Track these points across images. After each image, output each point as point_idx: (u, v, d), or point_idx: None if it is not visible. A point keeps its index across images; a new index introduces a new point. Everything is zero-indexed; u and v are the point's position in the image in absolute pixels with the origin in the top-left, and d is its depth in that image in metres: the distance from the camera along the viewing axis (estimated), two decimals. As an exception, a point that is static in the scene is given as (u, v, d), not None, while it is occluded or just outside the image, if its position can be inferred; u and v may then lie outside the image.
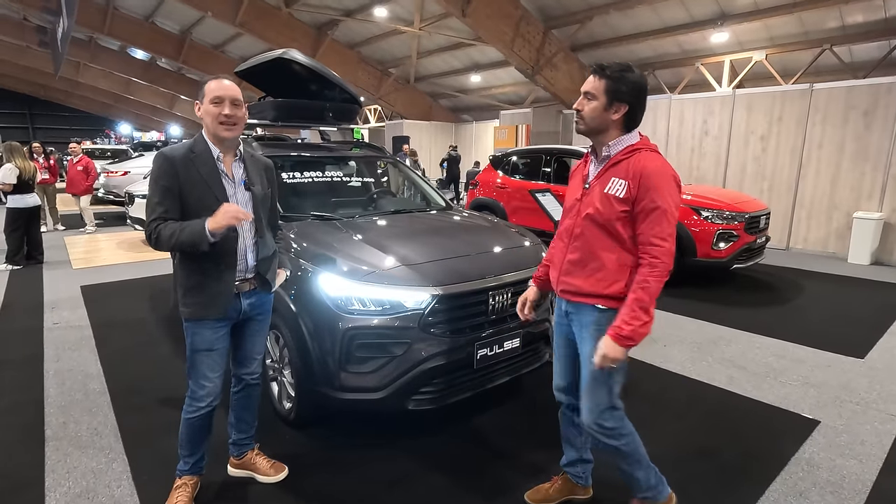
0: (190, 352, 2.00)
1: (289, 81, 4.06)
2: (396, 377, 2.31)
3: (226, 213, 1.79)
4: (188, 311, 1.95)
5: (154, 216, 1.84)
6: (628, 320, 1.64)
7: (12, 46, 21.67)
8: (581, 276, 1.79)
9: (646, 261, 1.66)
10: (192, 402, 2.03)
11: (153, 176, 1.87)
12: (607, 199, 1.72)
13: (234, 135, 1.91)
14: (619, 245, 1.73)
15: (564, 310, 1.91)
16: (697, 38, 9.53)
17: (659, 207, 1.64)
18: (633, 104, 1.72)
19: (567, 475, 2.16)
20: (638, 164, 1.69)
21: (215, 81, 1.91)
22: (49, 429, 2.71)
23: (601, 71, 1.72)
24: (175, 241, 1.80)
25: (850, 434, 2.74)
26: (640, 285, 1.65)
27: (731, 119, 8.39)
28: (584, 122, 1.77)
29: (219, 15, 12.38)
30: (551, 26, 10.50)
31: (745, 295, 5.44)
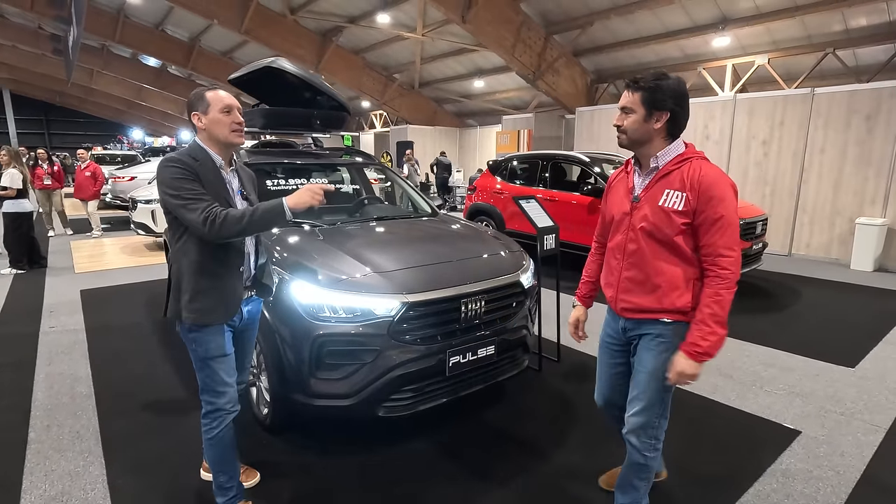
0: (203, 361, 1.91)
1: (281, 89, 4.12)
2: (367, 384, 2.33)
3: (311, 190, 1.80)
4: (196, 317, 1.86)
5: (205, 204, 1.76)
6: (705, 335, 1.62)
7: (29, 54, 22.25)
8: (641, 293, 1.76)
9: (714, 272, 1.64)
10: (214, 416, 1.94)
11: (175, 177, 1.79)
12: (664, 213, 1.69)
13: (243, 141, 1.99)
14: (681, 258, 1.70)
15: (622, 326, 1.88)
16: (699, 43, 9.47)
17: (723, 217, 1.62)
18: (674, 110, 1.69)
19: None
20: (694, 175, 1.65)
21: (218, 91, 1.92)
22: (33, 431, 2.77)
23: (634, 84, 1.71)
24: (248, 220, 1.76)
25: (831, 445, 2.70)
26: (713, 299, 1.62)
27: (733, 123, 8.32)
28: (627, 136, 1.75)
29: (225, 23, 12.56)
30: (552, 31, 10.50)
31: (740, 302, 5.32)
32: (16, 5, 14.04)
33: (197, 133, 1.95)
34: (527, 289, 2.90)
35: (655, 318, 1.75)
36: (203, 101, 1.89)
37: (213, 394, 1.94)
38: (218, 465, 2.01)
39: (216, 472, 2.02)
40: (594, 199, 6.07)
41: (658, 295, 1.73)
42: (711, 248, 1.64)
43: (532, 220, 3.54)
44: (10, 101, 33.58)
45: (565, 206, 6.39)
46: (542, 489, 2.33)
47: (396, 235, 3.15)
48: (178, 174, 1.81)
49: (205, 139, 1.93)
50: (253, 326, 2.18)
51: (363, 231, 3.12)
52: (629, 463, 1.91)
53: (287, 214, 1.78)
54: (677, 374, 1.67)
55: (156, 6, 14.38)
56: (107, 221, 10.56)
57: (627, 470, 1.93)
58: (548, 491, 2.32)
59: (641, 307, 1.77)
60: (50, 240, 8.94)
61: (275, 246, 2.70)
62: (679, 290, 1.70)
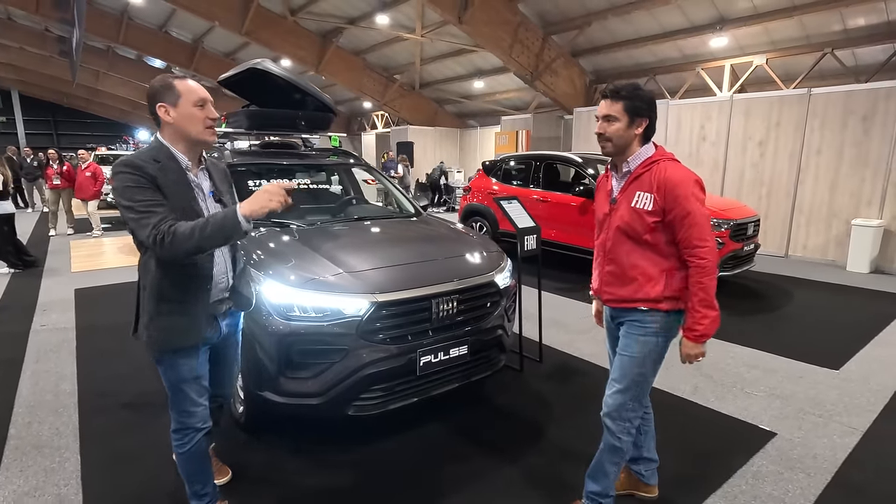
0: (175, 385, 1.79)
1: (269, 91, 4.15)
2: (336, 383, 2.35)
3: (268, 192, 1.53)
4: (157, 341, 1.71)
5: (158, 217, 1.56)
6: (698, 320, 1.79)
7: (36, 56, 22.48)
8: (620, 285, 1.93)
9: (694, 263, 1.79)
10: (184, 433, 1.84)
11: (127, 185, 1.59)
12: (636, 213, 1.84)
13: (216, 140, 1.77)
14: (654, 252, 1.86)
15: (610, 315, 2.06)
16: (697, 43, 9.42)
17: (690, 213, 1.76)
18: (651, 117, 1.85)
19: (630, 470, 2.27)
20: (660, 176, 1.80)
21: (189, 81, 1.69)
22: (13, 428, 2.82)
23: (616, 94, 1.83)
24: (199, 237, 1.52)
25: (805, 447, 2.69)
26: (697, 287, 1.79)
27: (729, 124, 8.28)
28: (612, 143, 1.86)
29: (226, 24, 12.64)
30: (550, 32, 10.49)
31: (731, 303, 5.35)
32: (22, 8, 14.22)
33: (161, 129, 1.71)
34: (502, 289, 2.90)
35: (634, 307, 1.90)
36: (172, 91, 1.66)
37: (183, 414, 1.83)
38: (191, 475, 1.92)
39: (189, 481, 1.93)
40: (586, 199, 6.06)
41: (634, 287, 1.89)
42: (687, 242, 1.79)
43: (513, 221, 3.55)
44: (19, 103, 33.99)
45: (558, 207, 6.39)
46: (510, 489, 2.33)
47: (373, 236, 3.17)
48: (130, 182, 1.59)
49: (171, 136, 1.71)
50: (234, 340, 2.06)
51: (340, 231, 3.14)
52: (604, 447, 2.01)
53: (242, 224, 1.52)
54: (685, 356, 1.87)
55: (159, 8, 14.50)
56: (108, 221, 10.66)
57: (601, 455, 2.02)
58: (515, 491, 2.32)
59: (621, 297, 1.93)
60: (50, 239, 9.05)
61: (252, 246, 2.73)
62: (653, 282, 1.86)
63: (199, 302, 1.76)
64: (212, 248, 1.68)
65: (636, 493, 2.28)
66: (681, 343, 1.89)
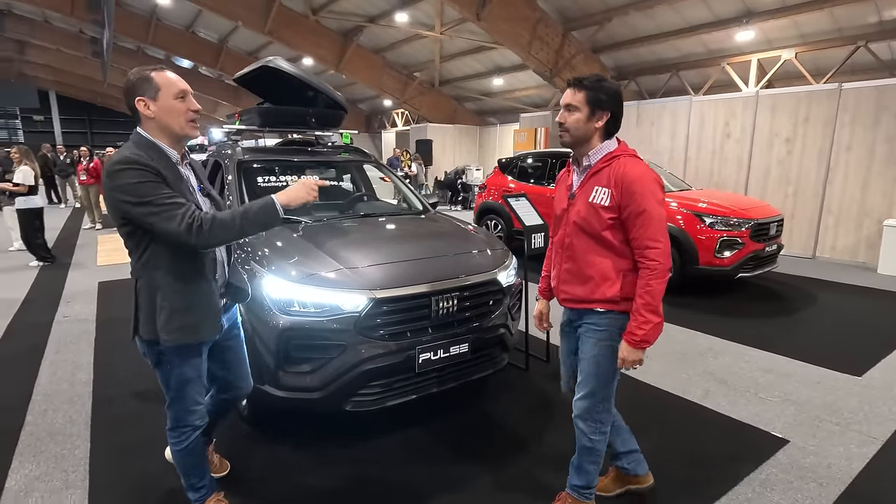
0: (178, 384, 1.78)
1: (283, 88, 4.20)
2: (334, 378, 2.36)
3: (306, 185, 1.65)
4: (178, 336, 1.68)
5: (183, 209, 1.56)
6: (640, 324, 1.73)
7: (71, 57, 23.29)
8: (576, 283, 1.88)
9: (644, 264, 1.73)
10: (181, 431, 1.84)
11: (137, 182, 1.56)
12: (593, 209, 1.79)
13: (198, 133, 1.77)
14: (610, 250, 1.80)
15: (567, 317, 2.01)
16: (723, 37, 9.15)
17: (645, 211, 1.71)
18: (614, 111, 1.80)
19: (616, 468, 2.24)
20: (618, 171, 1.75)
21: (167, 73, 1.65)
22: (30, 415, 2.92)
23: (579, 83, 1.79)
24: (241, 223, 1.57)
25: (819, 456, 2.59)
26: (644, 289, 1.72)
27: (755, 121, 8.02)
28: (570, 134, 1.83)
29: (249, 24, 12.86)
30: (570, 28, 10.34)
31: (751, 305, 5.20)
32: (57, 10, 14.78)
33: (141, 123, 1.66)
34: (505, 287, 2.87)
35: (590, 308, 1.86)
36: (150, 84, 1.62)
37: (182, 412, 1.82)
38: (187, 469, 1.92)
39: (186, 475, 1.93)
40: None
41: (591, 286, 1.84)
42: (639, 241, 1.74)
43: (520, 218, 3.52)
44: (56, 102, 35.32)
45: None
46: (510, 487, 2.31)
47: (377, 233, 3.18)
48: (139, 177, 1.55)
49: (154, 130, 1.66)
50: (236, 333, 2.04)
51: (345, 228, 3.16)
52: (579, 447, 2.00)
53: (280, 212, 1.63)
54: (622, 361, 1.80)
55: (186, 9, 14.84)
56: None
57: (578, 455, 2.02)
58: (516, 489, 2.30)
59: (577, 297, 1.88)
60: (80, 233, 9.37)
61: (251, 241, 2.76)
62: (609, 281, 1.80)
63: (211, 295, 1.77)
64: (252, 234, 1.74)
65: (630, 487, 2.24)
66: (619, 348, 1.80)
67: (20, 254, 7.19)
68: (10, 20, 18.84)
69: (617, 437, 2.14)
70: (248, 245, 2.76)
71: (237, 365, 2.06)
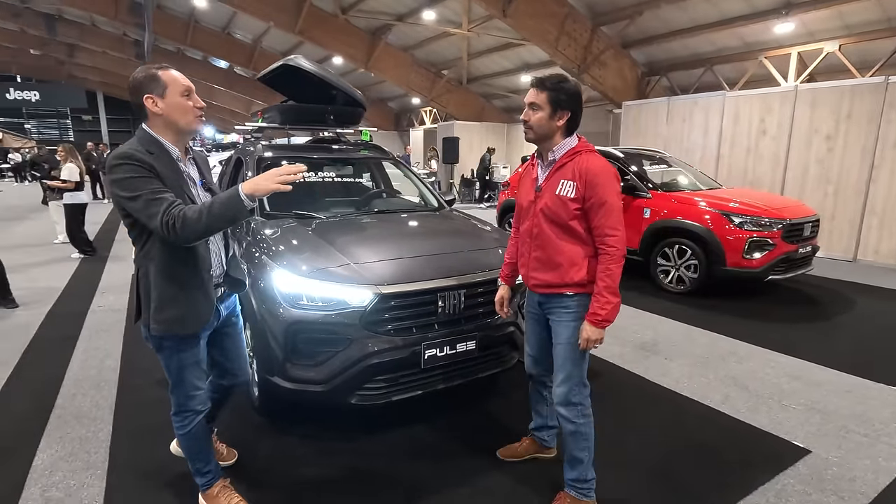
0: (177, 370, 1.85)
1: (306, 86, 4.28)
2: (339, 371, 2.39)
3: (269, 173, 1.58)
4: (165, 327, 1.75)
5: (166, 203, 1.60)
6: (602, 305, 1.89)
7: (117, 59, 24.33)
8: (546, 270, 2.02)
9: (604, 250, 1.91)
10: (184, 416, 1.91)
11: (130, 176, 1.62)
12: (560, 200, 1.95)
13: (203, 127, 1.81)
14: (577, 239, 1.97)
15: (537, 301, 2.15)
16: (760, 30, 8.78)
17: (606, 202, 1.89)
18: (574, 110, 1.96)
19: (534, 437, 2.49)
20: (582, 166, 1.92)
21: (172, 71, 1.72)
22: (60, 398, 3.08)
23: (542, 84, 1.95)
24: (206, 218, 1.57)
25: (843, 468, 2.46)
26: (605, 273, 1.90)
27: (793, 117, 7.67)
28: (533, 131, 2.00)
29: (280, 24, 13.14)
30: (600, 23, 10.13)
31: (782, 309, 4.98)
32: (103, 14, 15.49)
33: (148, 119, 1.72)
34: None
35: (561, 293, 2.01)
36: (158, 82, 1.68)
37: (183, 397, 1.90)
38: (193, 454, 2.00)
39: (192, 459, 2.00)
40: (625, 196, 5.82)
41: (560, 272, 1.99)
42: (599, 230, 1.91)
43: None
44: (103, 102, 37.08)
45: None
46: (508, 482, 2.29)
47: (388, 229, 3.20)
48: (132, 172, 1.61)
49: (159, 127, 1.73)
50: (234, 321, 2.11)
51: (357, 224, 3.20)
52: (566, 435, 2.08)
53: (245, 202, 1.57)
54: (585, 341, 1.93)
55: (221, 11, 15.29)
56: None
57: (567, 443, 2.09)
58: (514, 485, 2.28)
59: (548, 283, 2.03)
60: (120, 227, 9.79)
61: (265, 237, 2.83)
62: (577, 266, 1.97)
63: (203, 287, 1.81)
64: (220, 229, 1.72)
65: (538, 455, 2.48)
66: (581, 328, 1.94)
67: (63, 246, 7.58)
68: (61, 25, 19.84)
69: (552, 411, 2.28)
70: (263, 240, 2.82)
71: (234, 353, 2.12)
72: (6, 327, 4.30)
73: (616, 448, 2.57)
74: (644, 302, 5.08)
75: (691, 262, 5.25)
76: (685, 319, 4.60)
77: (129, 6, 15.20)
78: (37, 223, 10.14)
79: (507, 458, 2.47)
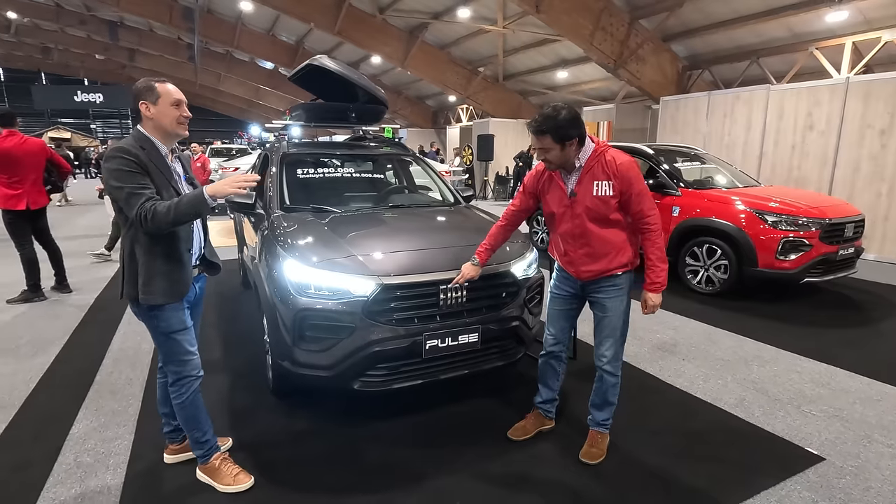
0: (165, 336, 2.06)
1: (330, 85, 4.44)
2: (343, 358, 2.50)
3: (230, 180, 1.88)
4: (154, 297, 1.98)
5: (143, 198, 1.85)
6: (658, 273, 2.22)
7: (171, 62, 25.71)
8: (596, 261, 2.28)
9: (647, 229, 2.21)
10: (182, 384, 2.10)
11: (120, 168, 1.87)
12: (601, 200, 2.19)
13: (187, 133, 2.08)
14: (619, 227, 2.25)
15: (581, 285, 2.38)
16: (811, 19, 8.30)
17: (640, 190, 2.18)
18: (580, 132, 2.16)
19: (539, 411, 2.67)
20: (612, 165, 2.18)
21: (168, 85, 2.01)
22: (99, 375, 3.35)
23: (540, 130, 2.15)
24: (174, 213, 1.84)
25: (858, 477, 2.35)
26: (652, 247, 2.22)
27: (843, 111, 7.22)
28: (556, 164, 2.24)
29: (320, 25, 13.52)
30: (638, 16, 9.86)
31: (818, 313, 4.73)
32: (158, 19, 16.41)
33: (142, 121, 2.01)
34: (521, 279, 2.87)
35: (612, 274, 2.28)
36: (153, 91, 1.97)
37: (178, 363, 2.09)
38: (190, 423, 2.17)
39: (189, 430, 2.19)
40: (654, 193, 5.65)
41: (609, 258, 2.26)
42: (639, 214, 2.21)
43: (547, 213, 3.47)
44: (160, 103, 39.26)
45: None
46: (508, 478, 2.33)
47: (398, 223, 3.28)
48: (123, 165, 1.87)
49: (150, 128, 2.01)
50: (199, 303, 2.34)
51: (369, 218, 3.30)
52: (606, 387, 2.40)
53: (208, 201, 1.87)
54: (652, 307, 2.26)
55: (266, 13, 15.89)
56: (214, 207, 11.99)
57: (604, 392, 2.41)
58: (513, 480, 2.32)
59: (599, 271, 2.29)
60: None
61: (281, 229, 2.97)
62: (623, 251, 2.26)
63: (183, 261, 2.06)
64: (186, 221, 1.98)
65: (542, 428, 2.65)
66: (643, 299, 2.26)
67: (116, 237, 8.14)
68: (122, 31, 21.19)
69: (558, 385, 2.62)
70: (279, 233, 2.97)
71: None
72: (60, 309, 4.70)
73: (614, 446, 2.55)
74: (669, 302, 4.92)
75: (721, 263, 5.08)
76: (710, 321, 4.46)
77: (183, 12, 16.06)
78: (96, 216, 10.89)
79: (519, 437, 2.60)
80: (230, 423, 2.75)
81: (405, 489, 2.24)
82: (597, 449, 2.45)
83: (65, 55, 27.80)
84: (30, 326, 4.25)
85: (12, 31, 22.73)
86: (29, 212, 4.78)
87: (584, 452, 2.45)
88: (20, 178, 4.70)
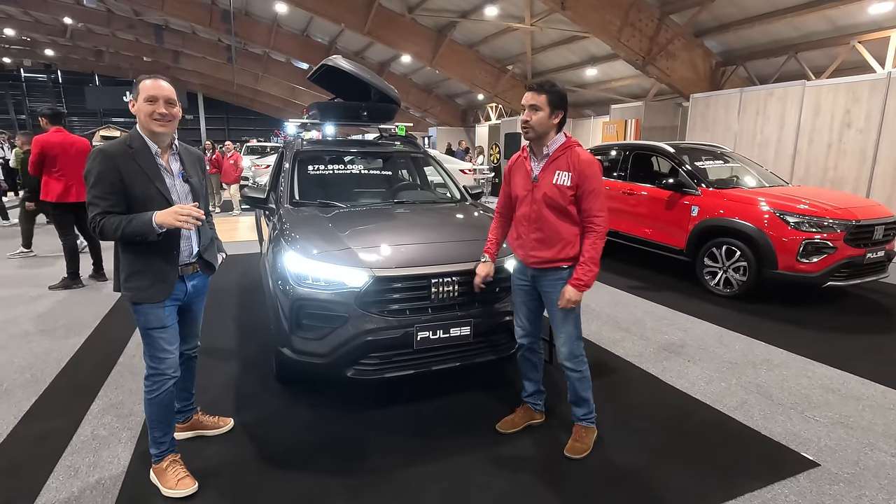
0: (143, 331, 2.08)
1: (346, 84, 4.58)
2: (337, 346, 2.61)
3: (177, 212, 1.88)
4: (131, 295, 2.02)
5: (97, 210, 1.91)
6: (586, 272, 2.26)
7: (212, 63, 26.76)
8: (545, 248, 2.34)
9: (591, 228, 2.27)
10: (154, 380, 2.09)
11: (93, 172, 1.91)
12: (558, 188, 2.28)
13: (166, 130, 2.01)
14: (571, 220, 2.31)
15: (531, 275, 2.44)
16: (853, 11, 7.91)
17: (594, 189, 2.26)
18: (566, 110, 2.31)
19: (527, 405, 2.74)
20: (574, 158, 2.28)
21: (151, 80, 1.97)
22: (122, 357, 3.60)
23: (540, 87, 2.27)
24: (120, 233, 1.89)
25: (853, 485, 2.29)
26: (591, 246, 2.26)
27: (884, 107, 6.86)
28: (534, 130, 2.30)
29: (351, 25, 13.80)
30: (668, 11, 9.63)
31: (839, 318, 4.54)
32: (199, 22, 17.12)
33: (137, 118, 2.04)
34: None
35: (557, 266, 2.33)
36: (135, 87, 1.96)
37: (154, 360, 2.09)
38: (155, 422, 2.15)
39: (152, 427, 2.16)
40: (673, 193, 5.57)
41: (557, 248, 2.32)
42: (588, 212, 2.28)
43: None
44: (203, 103, 40.80)
45: (643, 200, 5.96)
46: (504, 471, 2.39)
47: (399, 218, 3.38)
48: (98, 166, 1.91)
49: (139, 125, 2.02)
50: (200, 300, 2.35)
51: (372, 214, 3.42)
52: (573, 382, 2.46)
53: (155, 229, 1.89)
54: (567, 301, 2.27)
55: (301, 15, 16.32)
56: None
57: (574, 388, 2.47)
58: (509, 474, 2.37)
59: (547, 259, 2.34)
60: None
61: (287, 223, 3.12)
62: (572, 244, 2.31)
63: (167, 265, 2.07)
64: (133, 241, 1.98)
65: (532, 422, 2.70)
66: (562, 291, 2.28)
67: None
68: (167, 34, 22.19)
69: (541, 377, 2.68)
70: (285, 226, 3.11)
71: (190, 324, 2.35)
72: (95, 297, 5.03)
73: (600, 443, 2.56)
74: (684, 303, 4.85)
75: (740, 264, 4.94)
76: (724, 323, 4.36)
77: (222, 14, 16.69)
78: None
79: (507, 430, 2.65)
80: (235, 406, 2.92)
81: (388, 474, 2.33)
82: (581, 444, 2.48)
83: (116, 58, 29.30)
84: (67, 311, 4.58)
85: (68, 36, 24.14)
86: (75, 204, 5.15)
87: (569, 447, 2.48)
88: (68, 172, 5.09)
